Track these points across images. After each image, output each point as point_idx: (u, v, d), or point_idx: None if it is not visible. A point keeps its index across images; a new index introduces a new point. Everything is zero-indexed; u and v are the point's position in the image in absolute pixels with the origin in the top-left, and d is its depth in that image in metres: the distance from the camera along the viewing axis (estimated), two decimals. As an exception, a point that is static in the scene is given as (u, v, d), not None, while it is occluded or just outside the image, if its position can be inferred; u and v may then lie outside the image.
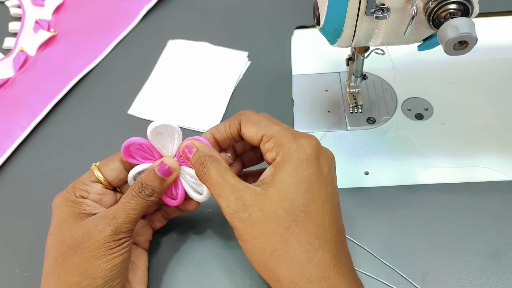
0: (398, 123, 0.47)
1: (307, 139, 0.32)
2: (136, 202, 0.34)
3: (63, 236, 0.33)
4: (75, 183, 0.36)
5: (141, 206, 0.34)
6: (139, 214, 0.34)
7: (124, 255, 0.33)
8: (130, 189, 0.35)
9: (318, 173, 0.31)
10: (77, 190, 0.35)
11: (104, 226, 0.33)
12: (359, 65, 0.44)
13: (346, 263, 0.31)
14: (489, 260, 0.38)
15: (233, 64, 0.55)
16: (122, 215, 0.33)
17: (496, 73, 0.51)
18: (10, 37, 0.61)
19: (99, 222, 0.33)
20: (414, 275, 0.38)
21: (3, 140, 0.49)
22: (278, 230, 0.29)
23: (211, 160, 0.33)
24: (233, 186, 0.31)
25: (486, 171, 0.43)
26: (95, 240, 0.32)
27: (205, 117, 0.50)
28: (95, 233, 0.33)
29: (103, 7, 0.62)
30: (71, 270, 0.32)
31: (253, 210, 0.30)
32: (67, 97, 0.54)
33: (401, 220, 0.41)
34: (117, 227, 0.33)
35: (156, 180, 0.34)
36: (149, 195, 0.34)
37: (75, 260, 0.32)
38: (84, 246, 0.32)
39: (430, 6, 0.31)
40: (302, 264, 0.29)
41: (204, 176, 0.33)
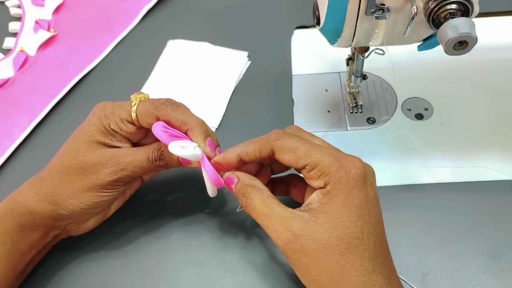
0: (398, 123, 0.47)
1: (353, 163, 0.32)
2: (148, 166, 0.36)
3: (78, 151, 0.36)
4: (114, 113, 0.37)
5: (150, 170, 0.37)
6: (145, 173, 0.37)
7: (114, 196, 0.37)
8: (149, 151, 0.36)
9: (367, 198, 0.31)
10: (112, 123, 0.37)
11: (110, 172, 0.36)
12: (359, 65, 0.44)
13: (396, 280, 0.32)
14: (489, 260, 0.38)
15: (233, 64, 0.55)
16: (130, 170, 0.36)
17: (496, 73, 0.51)
18: (10, 37, 0.61)
19: (109, 164, 0.36)
20: (414, 275, 0.38)
21: (3, 140, 0.49)
22: (333, 257, 0.30)
23: (253, 191, 0.33)
24: (280, 215, 0.31)
25: (486, 171, 0.43)
26: (98, 178, 0.35)
27: (205, 117, 0.50)
28: (101, 173, 0.35)
29: (103, 7, 0.62)
30: (69, 184, 0.36)
31: (305, 240, 0.30)
32: (67, 97, 0.54)
33: (401, 220, 0.41)
34: (119, 177, 0.36)
35: (174, 161, 0.36)
36: (162, 166, 0.36)
37: (75, 180, 0.36)
38: (88, 176, 0.36)
39: (430, 6, 0.31)
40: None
41: (249, 207, 0.33)
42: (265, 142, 0.34)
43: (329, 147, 0.34)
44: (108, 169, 0.36)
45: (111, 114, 0.37)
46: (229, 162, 0.35)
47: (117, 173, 0.36)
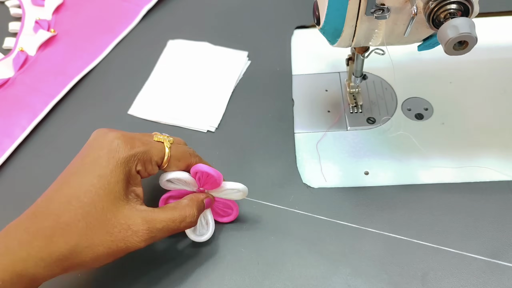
0: (398, 123, 0.47)
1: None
2: (173, 227, 0.34)
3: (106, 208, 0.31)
4: (145, 154, 0.34)
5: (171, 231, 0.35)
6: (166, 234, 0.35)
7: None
8: (175, 214, 0.34)
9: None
10: (140, 164, 0.34)
11: (141, 241, 0.32)
12: (359, 65, 0.44)
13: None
14: (489, 260, 0.38)
15: (233, 64, 0.55)
16: (159, 236, 0.34)
17: (496, 73, 0.51)
18: (10, 37, 0.61)
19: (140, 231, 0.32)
20: (414, 275, 0.38)
21: (3, 140, 0.49)
22: None
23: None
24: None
25: (486, 171, 0.43)
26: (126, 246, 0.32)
27: (205, 117, 0.50)
28: (130, 241, 0.32)
29: (103, 7, 0.62)
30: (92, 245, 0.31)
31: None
32: (67, 97, 0.54)
33: (401, 220, 0.41)
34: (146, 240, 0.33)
35: (196, 214, 0.36)
36: (185, 226, 0.35)
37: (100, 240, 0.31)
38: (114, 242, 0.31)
39: (430, 6, 0.31)
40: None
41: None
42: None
43: None
44: (138, 237, 0.32)
45: (142, 154, 0.34)
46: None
47: (147, 241, 0.33)
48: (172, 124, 0.50)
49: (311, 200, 0.43)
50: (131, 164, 0.33)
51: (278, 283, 0.38)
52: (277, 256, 0.40)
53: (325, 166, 0.45)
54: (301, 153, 0.46)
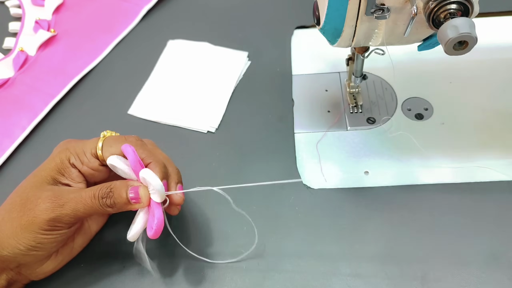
0: (398, 123, 0.47)
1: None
2: (91, 204, 0.34)
3: (25, 187, 0.35)
4: (77, 146, 0.36)
5: (94, 210, 0.34)
6: (88, 215, 0.34)
7: (55, 238, 0.34)
8: (96, 188, 0.34)
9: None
10: (73, 157, 0.36)
11: (48, 209, 0.33)
12: (359, 65, 0.44)
13: None
14: (489, 260, 0.38)
15: (233, 64, 0.55)
16: (70, 207, 0.34)
17: (496, 73, 0.51)
18: (10, 37, 0.61)
19: (49, 200, 0.33)
20: (414, 275, 0.38)
21: (3, 140, 0.49)
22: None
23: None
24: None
25: (486, 171, 0.43)
26: (34, 216, 0.33)
27: (205, 117, 0.50)
28: (38, 209, 0.33)
29: (103, 7, 0.62)
30: (8, 222, 0.34)
31: None
32: (67, 97, 0.54)
33: (401, 220, 0.41)
34: (58, 216, 0.33)
35: (123, 199, 0.34)
36: (108, 205, 0.34)
37: (15, 217, 0.34)
38: (25, 213, 0.34)
39: (430, 6, 0.31)
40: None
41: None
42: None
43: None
44: (46, 204, 0.33)
45: (74, 147, 0.36)
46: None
47: (54, 210, 0.33)
48: (172, 124, 0.50)
49: (311, 200, 0.43)
50: (62, 156, 0.36)
51: (278, 283, 0.38)
52: (277, 257, 0.40)
53: (325, 166, 0.45)
54: (301, 153, 0.46)
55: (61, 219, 0.33)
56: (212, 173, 0.46)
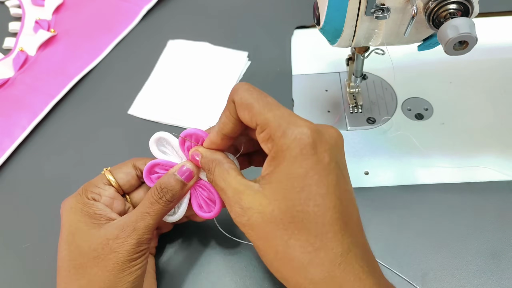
0: (398, 123, 0.47)
1: (301, 128, 0.28)
2: (155, 210, 0.33)
3: (80, 247, 0.32)
4: (86, 185, 0.35)
5: (160, 214, 0.33)
6: (157, 222, 0.33)
7: (144, 265, 0.33)
8: (148, 195, 0.33)
9: (316, 166, 0.28)
10: (88, 192, 0.34)
11: (126, 239, 0.32)
12: (359, 65, 0.44)
13: (356, 257, 0.28)
14: (489, 260, 0.38)
15: (233, 64, 0.55)
16: (142, 226, 0.32)
17: (496, 73, 0.51)
18: (10, 37, 0.61)
19: (119, 234, 0.32)
20: (414, 275, 0.38)
21: (3, 140, 0.49)
22: (277, 232, 0.28)
23: (214, 164, 0.32)
24: (233, 189, 0.30)
25: (486, 171, 0.43)
26: (118, 253, 0.31)
27: (205, 117, 0.50)
28: (116, 246, 0.31)
29: (103, 7, 0.62)
30: (94, 282, 0.31)
31: (252, 213, 0.28)
32: (67, 97, 0.54)
33: (401, 220, 0.41)
34: (139, 239, 0.32)
35: (177, 184, 0.33)
36: (170, 200, 0.33)
37: (97, 272, 0.31)
38: (106, 258, 0.31)
39: (430, 6, 0.31)
40: (304, 266, 0.27)
41: (213, 183, 0.32)
42: (229, 101, 0.31)
43: (283, 109, 0.30)
44: (121, 238, 0.32)
45: (83, 189, 0.35)
46: (216, 143, 0.33)
47: (132, 236, 0.32)
48: (172, 124, 0.50)
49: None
50: (79, 199, 0.34)
51: (278, 283, 0.38)
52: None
53: (325, 166, 0.45)
54: (301, 153, 0.46)
55: (141, 240, 0.32)
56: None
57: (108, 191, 0.35)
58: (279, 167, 0.28)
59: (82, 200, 0.34)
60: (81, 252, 0.32)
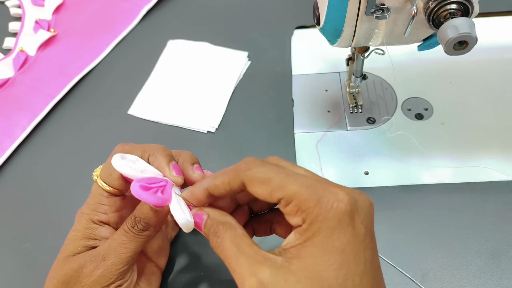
0: (398, 123, 0.47)
1: (336, 195, 0.26)
2: (128, 239, 0.31)
3: (58, 266, 0.32)
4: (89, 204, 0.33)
5: (135, 243, 0.31)
6: (133, 252, 0.31)
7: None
8: (123, 223, 0.32)
9: (354, 240, 0.25)
10: (94, 214, 0.33)
11: (92, 269, 0.30)
12: (359, 65, 0.44)
13: None
14: (489, 260, 0.38)
15: (233, 64, 0.55)
16: (112, 255, 0.31)
17: (496, 73, 0.51)
18: (10, 37, 0.61)
19: (88, 263, 0.31)
20: (414, 275, 0.38)
21: (3, 140, 0.49)
22: None
23: (224, 228, 0.28)
24: (249, 258, 0.26)
25: (486, 171, 0.43)
26: (82, 284, 0.30)
27: (205, 117, 0.50)
28: (82, 276, 0.31)
29: (103, 7, 0.62)
30: None
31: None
32: (67, 97, 0.54)
33: (401, 220, 0.41)
34: (106, 270, 0.31)
35: (149, 211, 0.31)
36: (142, 229, 0.31)
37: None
38: (72, 286, 0.31)
39: (430, 6, 0.31)
40: None
41: (219, 248, 0.28)
42: (234, 172, 0.28)
43: (310, 176, 0.28)
44: (88, 268, 0.30)
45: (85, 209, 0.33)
46: (197, 198, 0.30)
47: (99, 267, 0.30)
48: (172, 124, 0.50)
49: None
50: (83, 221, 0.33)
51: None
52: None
53: (325, 166, 0.45)
54: (301, 153, 0.46)
55: (110, 271, 0.31)
56: (212, 173, 0.46)
57: (113, 205, 0.34)
58: (313, 240, 0.25)
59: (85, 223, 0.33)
60: (57, 273, 0.32)
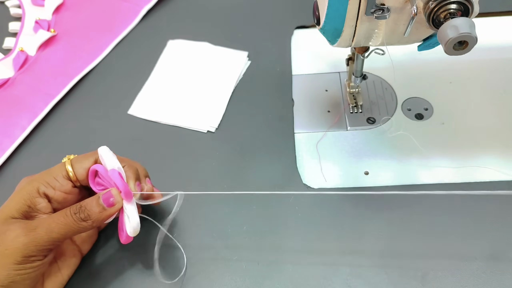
0: (398, 123, 0.47)
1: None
2: (65, 221, 0.33)
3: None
4: (44, 174, 0.35)
5: (69, 228, 0.33)
6: (63, 236, 0.33)
7: (29, 274, 0.31)
8: (67, 208, 0.34)
9: None
10: (42, 185, 0.35)
11: (19, 236, 0.31)
12: (359, 65, 0.44)
13: None
14: (489, 260, 0.38)
15: (233, 64, 0.55)
16: (43, 229, 0.32)
17: (496, 73, 0.51)
18: (10, 37, 0.61)
19: (19, 228, 0.31)
20: (414, 275, 0.38)
21: (3, 140, 0.49)
22: None
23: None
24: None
25: (486, 171, 0.43)
26: (5, 247, 0.31)
27: (205, 117, 0.50)
28: (8, 238, 0.31)
29: (103, 7, 0.62)
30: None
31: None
32: (67, 97, 0.54)
33: (401, 220, 0.41)
34: (32, 240, 0.31)
35: (97, 207, 0.34)
36: (83, 219, 0.33)
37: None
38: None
39: (430, 6, 0.31)
40: None
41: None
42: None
43: None
44: (16, 231, 0.31)
45: (41, 177, 0.35)
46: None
47: (28, 235, 0.31)
48: (172, 124, 0.50)
49: (311, 200, 0.43)
50: (29, 188, 0.34)
51: (278, 283, 0.38)
52: (277, 256, 0.40)
53: (325, 166, 0.45)
54: (301, 153, 0.46)
55: (35, 244, 0.31)
56: (212, 173, 0.46)
57: (64, 186, 0.36)
58: None
59: (30, 191, 0.34)
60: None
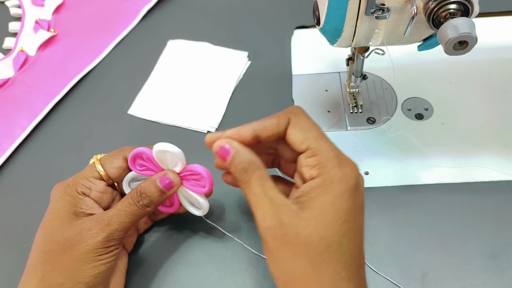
0: (398, 123, 0.47)
1: (351, 168, 0.30)
2: (132, 211, 0.34)
3: (54, 233, 0.34)
4: (77, 177, 0.36)
5: (136, 216, 0.35)
6: (132, 222, 0.35)
7: (111, 263, 0.34)
8: (128, 196, 0.35)
9: (356, 206, 0.30)
10: (79, 186, 0.35)
11: (97, 231, 0.33)
12: (359, 65, 0.44)
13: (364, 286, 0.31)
14: (489, 260, 0.38)
15: (233, 64, 0.55)
16: (116, 222, 0.34)
17: (496, 73, 0.51)
18: (10, 37, 0.61)
19: (93, 226, 0.33)
20: (414, 275, 0.38)
21: (3, 140, 0.49)
22: (310, 255, 0.29)
23: (254, 167, 0.31)
24: (271, 200, 0.30)
25: (486, 171, 0.43)
26: (86, 244, 0.32)
27: (205, 117, 0.50)
28: (87, 237, 0.33)
29: (103, 7, 0.62)
30: (57, 270, 0.33)
31: (289, 229, 0.29)
32: (67, 97, 0.54)
33: (401, 220, 0.41)
34: (110, 234, 0.33)
35: (156, 191, 0.35)
36: (146, 205, 0.35)
37: (63, 261, 0.33)
38: (74, 248, 0.32)
39: (430, 6, 0.31)
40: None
41: (245, 183, 0.31)
42: (283, 115, 0.33)
43: (332, 143, 0.32)
44: (93, 230, 0.33)
45: (74, 180, 0.36)
46: (242, 136, 0.32)
47: (104, 230, 0.33)
48: (172, 124, 0.50)
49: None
50: (69, 191, 0.35)
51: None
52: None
53: (325, 166, 0.45)
54: (301, 153, 0.46)
55: (112, 236, 0.33)
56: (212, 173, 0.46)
57: (98, 186, 0.36)
58: (325, 197, 0.29)
59: (72, 193, 0.35)
60: (53, 239, 0.33)
